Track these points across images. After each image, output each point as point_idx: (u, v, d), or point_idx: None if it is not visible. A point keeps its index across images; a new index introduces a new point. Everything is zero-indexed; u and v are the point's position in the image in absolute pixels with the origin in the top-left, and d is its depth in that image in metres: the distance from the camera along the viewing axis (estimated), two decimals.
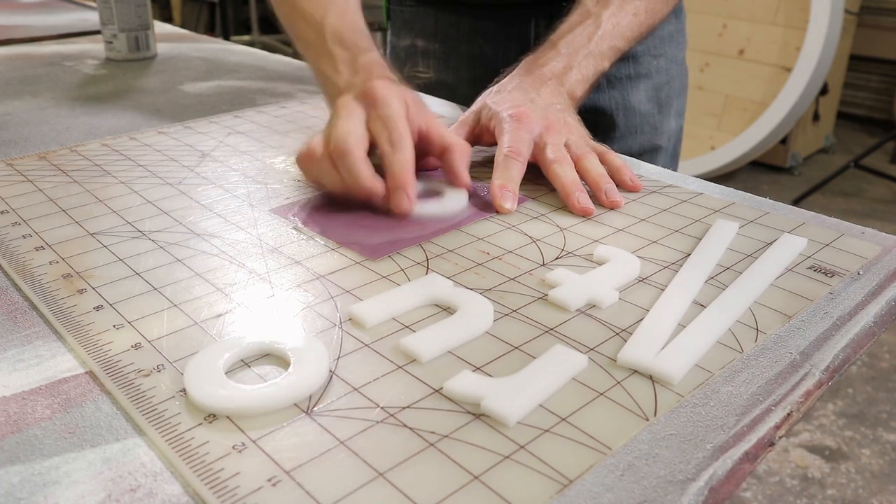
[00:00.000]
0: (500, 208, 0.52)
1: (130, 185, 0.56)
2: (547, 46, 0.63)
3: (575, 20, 0.64)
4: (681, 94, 0.86)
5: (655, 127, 0.83)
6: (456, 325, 0.38)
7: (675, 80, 0.84)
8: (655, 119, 0.83)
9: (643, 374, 0.35)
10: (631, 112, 0.81)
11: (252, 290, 0.42)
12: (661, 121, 0.84)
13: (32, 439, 0.31)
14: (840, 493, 1.37)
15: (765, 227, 0.50)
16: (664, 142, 0.84)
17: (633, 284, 0.43)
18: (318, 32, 0.59)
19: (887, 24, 3.02)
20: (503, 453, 0.30)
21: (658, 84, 0.82)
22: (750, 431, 0.31)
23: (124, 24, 0.96)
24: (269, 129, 0.70)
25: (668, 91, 0.83)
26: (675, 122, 0.86)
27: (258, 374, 0.35)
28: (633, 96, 0.81)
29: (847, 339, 0.38)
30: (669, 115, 0.85)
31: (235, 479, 0.28)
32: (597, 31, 0.63)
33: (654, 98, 0.82)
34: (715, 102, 2.68)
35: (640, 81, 0.81)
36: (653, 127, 0.83)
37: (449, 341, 0.36)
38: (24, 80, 0.88)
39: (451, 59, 0.85)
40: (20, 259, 0.45)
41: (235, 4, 4.06)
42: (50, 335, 0.38)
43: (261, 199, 0.54)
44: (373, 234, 0.48)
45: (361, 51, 0.57)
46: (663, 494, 0.28)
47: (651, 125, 0.82)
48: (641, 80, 0.81)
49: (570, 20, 0.64)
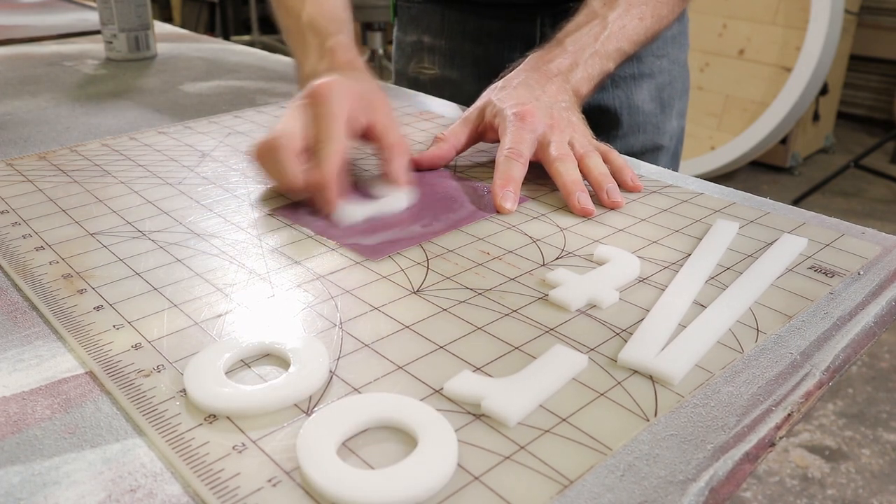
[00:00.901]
0: (500, 208, 0.52)
1: (130, 185, 0.56)
2: (553, 44, 0.63)
3: (582, 20, 0.64)
4: (683, 95, 0.87)
5: (658, 126, 0.84)
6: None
7: (677, 81, 0.85)
8: (658, 119, 0.83)
9: (643, 374, 0.35)
10: (635, 111, 0.81)
11: (252, 291, 0.42)
12: (664, 120, 0.84)
13: (32, 439, 0.31)
14: (840, 493, 1.37)
15: (765, 228, 0.50)
16: (666, 141, 0.85)
17: (634, 284, 0.43)
18: (296, 20, 0.60)
19: (887, 24, 3.02)
20: (503, 454, 0.30)
21: (661, 84, 0.83)
22: (750, 432, 0.31)
23: (124, 24, 0.96)
24: (269, 128, 0.70)
25: (671, 91, 0.84)
26: (677, 123, 0.87)
27: (258, 375, 0.35)
28: (636, 95, 0.81)
29: (847, 339, 0.38)
30: (671, 116, 0.85)
31: (235, 479, 0.28)
32: (603, 31, 0.63)
33: (657, 98, 0.83)
34: (715, 102, 2.68)
35: (643, 81, 0.81)
36: (655, 126, 0.83)
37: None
38: (24, 80, 0.88)
39: (457, 57, 0.86)
40: (20, 259, 0.45)
41: (235, 4, 4.06)
42: (50, 335, 0.38)
43: (261, 199, 0.54)
44: (373, 235, 0.48)
45: (329, 35, 0.58)
46: (664, 495, 0.28)
47: (654, 125, 0.83)
48: (645, 80, 0.81)
49: (577, 20, 0.64)
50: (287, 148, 0.50)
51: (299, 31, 0.60)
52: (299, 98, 0.53)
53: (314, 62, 0.57)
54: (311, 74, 0.56)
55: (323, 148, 0.50)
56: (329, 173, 0.49)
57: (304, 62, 0.59)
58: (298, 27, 0.60)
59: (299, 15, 0.60)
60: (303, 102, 0.53)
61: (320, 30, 0.58)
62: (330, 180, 0.49)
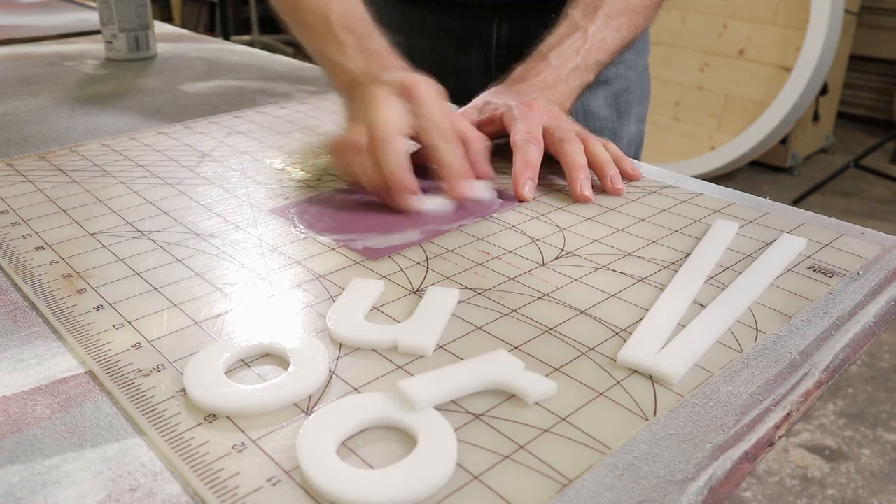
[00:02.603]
0: (520, 196, 0.53)
1: (130, 185, 0.56)
2: (537, 58, 0.64)
3: (563, 32, 0.65)
4: (642, 100, 0.88)
5: (615, 132, 0.85)
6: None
7: (635, 87, 0.86)
8: (615, 124, 0.85)
9: (643, 373, 0.35)
10: (590, 116, 0.83)
11: (252, 290, 0.42)
12: (621, 126, 0.86)
13: (32, 439, 0.31)
14: (840, 493, 1.37)
15: (765, 228, 0.50)
16: (624, 146, 0.86)
17: (634, 284, 0.43)
18: (324, 19, 0.59)
19: (887, 24, 3.02)
20: (503, 453, 0.30)
21: (617, 90, 0.84)
22: (750, 431, 0.31)
23: (124, 24, 0.96)
24: (269, 129, 0.70)
25: (628, 97, 0.85)
26: (636, 128, 0.88)
27: (258, 374, 0.35)
28: (591, 101, 0.83)
29: (847, 339, 0.38)
30: (629, 121, 0.87)
31: (235, 479, 0.28)
32: (584, 44, 0.64)
33: (613, 104, 0.84)
34: (715, 102, 2.68)
35: (598, 87, 0.82)
36: (612, 132, 0.85)
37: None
38: (24, 80, 0.88)
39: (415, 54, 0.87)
40: (20, 259, 0.45)
41: (235, 4, 4.07)
42: (50, 335, 0.38)
43: (261, 199, 0.54)
44: (373, 235, 0.48)
45: (369, 37, 0.58)
46: (663, 494, 0.28)
47: (610, 130, 0.85)
48: (600, 87, 0.82)
49: (559, 32, 0.66)
50: (401, 138, 0.50)
51: (329, 30, 0.58)
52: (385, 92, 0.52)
53: (358, 60, 0.56)
54: (363, 73, 0.55)
55: (450, 142, 0.51)
56: (464, 166, 0.51)
57: (342, 60, 0.57)
58: (327, 26, 0.59)
59: (326, 14, 0.59)
60: (395, 97, 0.51)
61: (356, 29, 0.58)
62: (467, 173, 0.51)
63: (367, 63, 0.56)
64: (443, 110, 0.52)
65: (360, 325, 0.38)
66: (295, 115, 0.74)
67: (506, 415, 0.32)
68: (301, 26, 0.62)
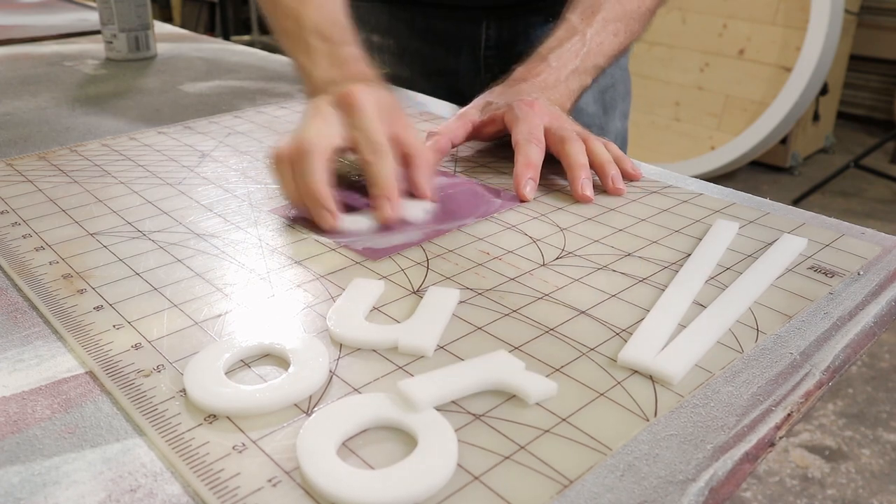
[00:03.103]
0: (521, 195, 0.53)
1: (130, 186, 0.56)
2: (536, 60, 0.65)
3: (562, 35, 0.65)
4: (625, 97, 0.90)
5: (602, 128, 0.86)
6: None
7: (619, 84, 0.88)
8: (601, 120, 0.86)
9: (643, 374, 0.35)
10: (579, 112, 0.84)
11: (252, 291, 0.42)
12: (607, 122, 0.87)
13: (32, 439, 0.31)
14: (840, 493, 1.37)
15: (765, 228, 0.50)
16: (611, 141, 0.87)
17: (634, 285, 0.43)
18: (297, 23, 0.58)
19: (887, 24, 3.02)
20: (503, 453, 0.30)
21: (603, 87, 0.85)
22: (750, 432, 0.31)
23: (124, 24, 0.96)
24: (269, 129, 0.70)
25: (613, 94, 0.87)
26: (621, 124, 0.89)
27: (258, 375, 0.35)
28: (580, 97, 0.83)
29: (847, 339, 0.38)
30: (615, 117, 0.88)
31: (235, 479, 0.28)
32: (582, 48, 0.65)
33: (600, 100, 0.85)
34: (715, 102, 2.68)
35: None
36: (599, 128, 0.86)
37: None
38: (24, 80, 0.88)
39: (406, 55, 0.88)
40: (20, 259, 0.45)
41: (235, 4, 4.06)
42: (50, 335, 0.38)
43: (261, 199, 0.54)
44: (373, 235, 0.48)
45: (340, 43, 0.57)
46: (663, 495, 0.28)
47: (598, 125, 0.85)
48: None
49: (558, 35, 0.66)
50: (322, 154, 0.48)
51: (300, 35, 0.58)
52: (324, 102, 0.51)
53: (326, 68, 0.55)
54: (327, 82, 0.54)
55: (380, 158, 0.49)
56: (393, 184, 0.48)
57: (310, 67, 0.57)
58: (299, 30, 0.58)
59: (299, 17, 0.58)
60: (332, 108, 0.51)
61: (327, 36, 0.57)
62: (393, 192, 0.48)
63: (335, 71, 0.54)
64: (377, 123, 0.50)
65: (361, 326, 0.38)
66: (295, 115, 0.74)
67: (506, 415, 0.32)
68: (278, 30, 0.62)
